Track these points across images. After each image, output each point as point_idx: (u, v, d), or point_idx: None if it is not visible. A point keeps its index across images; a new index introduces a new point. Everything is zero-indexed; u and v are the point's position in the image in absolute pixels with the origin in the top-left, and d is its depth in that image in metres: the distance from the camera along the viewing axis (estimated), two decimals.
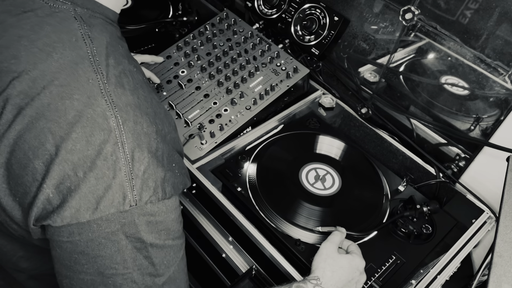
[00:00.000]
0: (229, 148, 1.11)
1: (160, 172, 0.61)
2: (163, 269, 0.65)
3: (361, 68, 1.29)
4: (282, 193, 1.03)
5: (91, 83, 0.58)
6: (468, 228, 1.03)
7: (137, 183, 0.58)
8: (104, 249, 0.60)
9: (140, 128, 0.60)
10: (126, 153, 0.58)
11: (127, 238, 0.60)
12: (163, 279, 0.65)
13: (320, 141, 1.17)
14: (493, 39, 0.99)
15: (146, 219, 0.61)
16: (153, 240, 0.62)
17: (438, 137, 1.18)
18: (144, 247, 0.62)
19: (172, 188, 0.63)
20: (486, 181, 1.10)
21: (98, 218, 0.58)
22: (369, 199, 1.06)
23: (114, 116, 0.58)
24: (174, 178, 0.64)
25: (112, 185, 0.57)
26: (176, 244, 0.66)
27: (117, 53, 0.64)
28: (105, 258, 0.60)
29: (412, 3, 1.09)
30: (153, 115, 0.63)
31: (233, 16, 1.39)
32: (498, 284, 0.73)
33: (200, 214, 1.09)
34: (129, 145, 0.58)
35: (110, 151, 0.57)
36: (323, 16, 1.27)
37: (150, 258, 0.63)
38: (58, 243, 0.60)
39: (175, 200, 0.65)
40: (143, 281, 0.63)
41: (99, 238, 0.59)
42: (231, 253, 1.03)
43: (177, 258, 0.67)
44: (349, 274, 0.83)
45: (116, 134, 0.57)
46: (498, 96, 1.03)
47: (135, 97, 0.61)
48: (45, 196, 0.57)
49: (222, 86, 1.22)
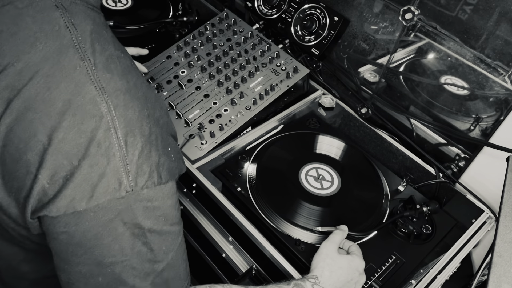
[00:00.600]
0: (229, 148, 1.11)
1: (154, 156, 0.60)
2: (161, 255, 0.64)
3: (361, 68, 1.29)
4: (282, 193, 1.03)
5: (79, 70, 0.58)
6: (468, 228, 1.03)
7: (132, 168, 0.58)
8: (102, 237, 0.59)
9: (131, 112, 0.59)
10: (119, 138, 0.57)
11: (125, 225, 0.60)
12: (162, 265, 0.65)
13: (320, 141, 1.17)
14: (493, 39, 0.99)
15: (143, 205, 0.60)
16: (151, 226, 0.62)
17: (438, 137, 1.18)
18: (142, 234, 0.61)
19: (167, 173, 0.62)
20: (486, 181, 1.10)
21: (94, 206, 0.57)
22: (369, 199, 1.06)
23: (104, 102, 0.57)
24: (169, 163, 0.63)
25: (106, 171, 0.57)
26: (174, 230, 0.66)
27: (102, 38, 0.63)
28: (103, 247, 0.60)
29: (412, 3, 1.09)
30: (143, 99, 0.62)
31: (233, 16, 1.39)
32: (498, 284, 0.73)
33: (200, 214, 1.09)
34: (122, 130, 0.58)
35: (102, 138, 0.57)
36: (323, 16, 1.27)
37: (148, 244, 0.62)
38: (54, 235, 0.60)
39: (172, 185, 0.64)
40: (142, 267, 0.63)
41: (96, 226, 0.58)
42: (231, 253, 1.03)
43: (176, 244, 0.67)
44: (348, 274, 0.83)
45: (107, 120, 0.57)
46: (498, 96, 1.03)
47: (124, 82, 0.61)
48: (41, 187, 0.57)
49: (222, 86, 1.22)
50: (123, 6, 1.47)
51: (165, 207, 0.63)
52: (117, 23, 1.39)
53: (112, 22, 1.38)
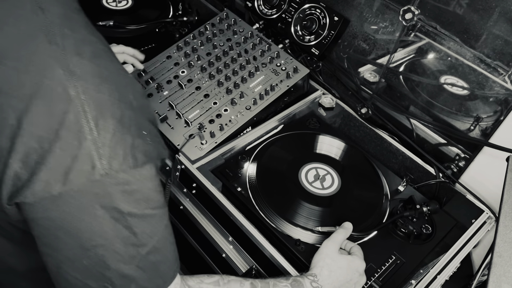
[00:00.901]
0: (229, 148, 1.11)
1: (128, 139, 0.60)
2: (146, 238, 0.64)
3: (361, 68, 1.29)
4: (282, 193, 1.03)
5: (47, 54, 0.58)
6: (468, 228, 1.03)
7: (104, 151, 0.58)
8: (81, 221, 0.60)
9: (102, 96, 0.59)
10: (90, 121, 0.57)
11: (103, 209, 0.60)
12: (147, 249, 0.65)
13: (320, 141, 1.17)
14: (493, 39, 0.99)
15: (120, 188, 0.60)
16: (131, 209, 0.62)
17: (438, 137, 1.18)
18: (123, 217, 0.61)
19: (144, 156, 0.62)
20: (485, 181, 1.10)
21: (69, 189, 0.57)
22: (369, 199, 1.06)
23: (73, 85, 0.57)
24: (145, 146, 0.63)
25: (78, 154, 0.57)
26: (157, 214, 0.66)
27: (73, 22, 0.63)
28: (84, 231, 0.60)
29: (412, 3, 1.09)
30: (115, 82, 0.62)
31: (233, 16, 1.39)
32: (498, 284, 0.73)
33: (200, 214, 1.09)
34: (92, 113, 0.58)
35: (72, 121, 0.57)
36: (323, 16, 1.27)
37: (130, 228, 0.62)
38: (35, 221, 0.60)
39: (150, 169, 0.64)
40: (126, 251, 0.63)
41: (75, 211, 0.59)
42: (231, 253, 1.03)
43: (160, 227, 0.67)
44: (348, 275, 0.83)
45: (76, 104, 0.57)
46: (498, 96, 1.03)
47: (94, 65, 0.61)
48: (13, 172, 0.57)
49: (222, 86, 1.22)
50: (123, 6, 1.47)
51: (144, 191, 0.63)
52: (117, 23, 1.39)
53: (112, 22, 1.38)
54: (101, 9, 1.45)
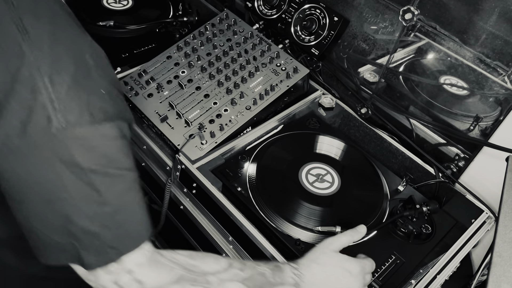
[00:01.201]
0: (229, 148, 1.11)
1: (83, 95, 0.62)
2: (110, 198, 0.65)
3: (361, 68, 1.29)
4: (282, 193, 1.03)
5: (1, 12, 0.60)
6: (467, 228, 1.03)
7: (60, 105, 0.60)
8: (41, 175, 0.61)
9: (55, 53, 0.61)
10: (44, 77, 0.59)
11: (62, 163, 0.61)
12: (113, 208, 0.65)
13: (320, 141, 1.17)
14: (492, 39, 0.99)
15: (79, 143, 0.61)
16: (91, 165, 0.62)
17: (438, 137, 1.19)
18: (84, 173, 0.62)
19: (101, 113, 0.63)
20: (485, 181, 1.10)
21: (27, 142, 0.59)
22: (368, 199, 1.06)
23: (27, 42, 0.59)
24: (102, 103, 0.64)
25: (34, 108, 0.59)
26: (123, 175, 0.66)
27: None
28: (46, 183, 0.62)
29: (411, 3, 1.09)
30: (71, 41, 0.64)
31: (233, 17, 1.39)
32: (498, 284, 0.73)
33: (200, 214, 1.09)
34: (46, 68, 0.60)
35: (26, 76, 0.59)
36: (323, 17, 1.27)
37: (93, 185, 0.63)
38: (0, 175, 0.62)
39: (111, 128, 0.64)
40: (90, 208, 0.64)
41: (35, 164, 0.60)
42: (231, 253, 1.03)
43: (130, 189, 0.67)
44: (336, 272, 0.83)
45: (30, 60, 0.59)
46: (498, 96, 1.03)
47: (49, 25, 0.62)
48: None
49: (222, 86, 1.22)
50: (124, 6, 1.47)
51: (105, 149, 0.64)
52: (117, 23, 1.39)
53: (112, 22, 1.38)
54: (101, 9, 1.44)
